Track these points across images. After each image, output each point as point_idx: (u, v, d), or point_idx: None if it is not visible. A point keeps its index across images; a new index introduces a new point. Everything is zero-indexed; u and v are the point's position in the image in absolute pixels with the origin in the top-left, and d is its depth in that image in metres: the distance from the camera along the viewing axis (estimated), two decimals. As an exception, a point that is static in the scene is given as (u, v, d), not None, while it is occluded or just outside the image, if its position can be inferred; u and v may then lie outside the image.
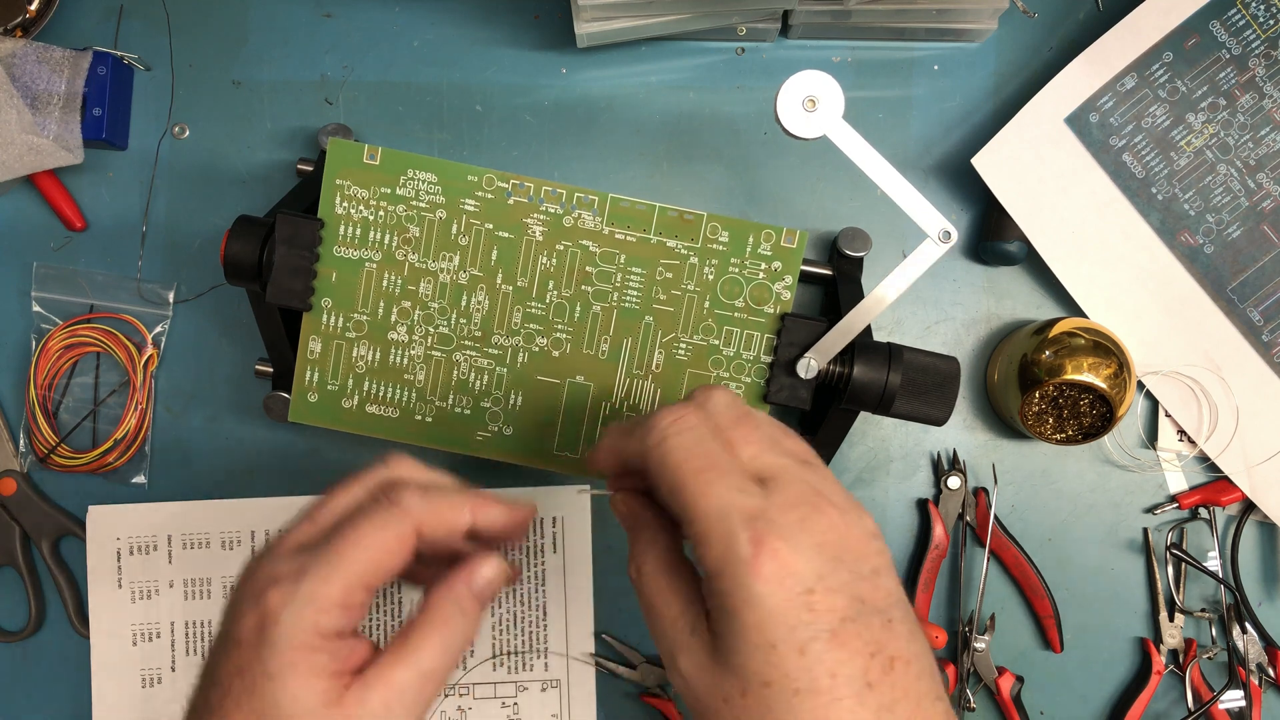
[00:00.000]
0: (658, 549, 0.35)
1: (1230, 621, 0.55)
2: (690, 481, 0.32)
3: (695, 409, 0.34)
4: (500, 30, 0.56)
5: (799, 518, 0.32)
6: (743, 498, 0.32)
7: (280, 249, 0.46)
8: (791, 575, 0.30)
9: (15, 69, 0.52)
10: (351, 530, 0.34)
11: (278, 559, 0.34)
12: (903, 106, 0.56)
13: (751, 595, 0.30)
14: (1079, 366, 0.50)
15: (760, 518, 0.31)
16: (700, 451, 0.33)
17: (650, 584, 0.34)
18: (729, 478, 0.32)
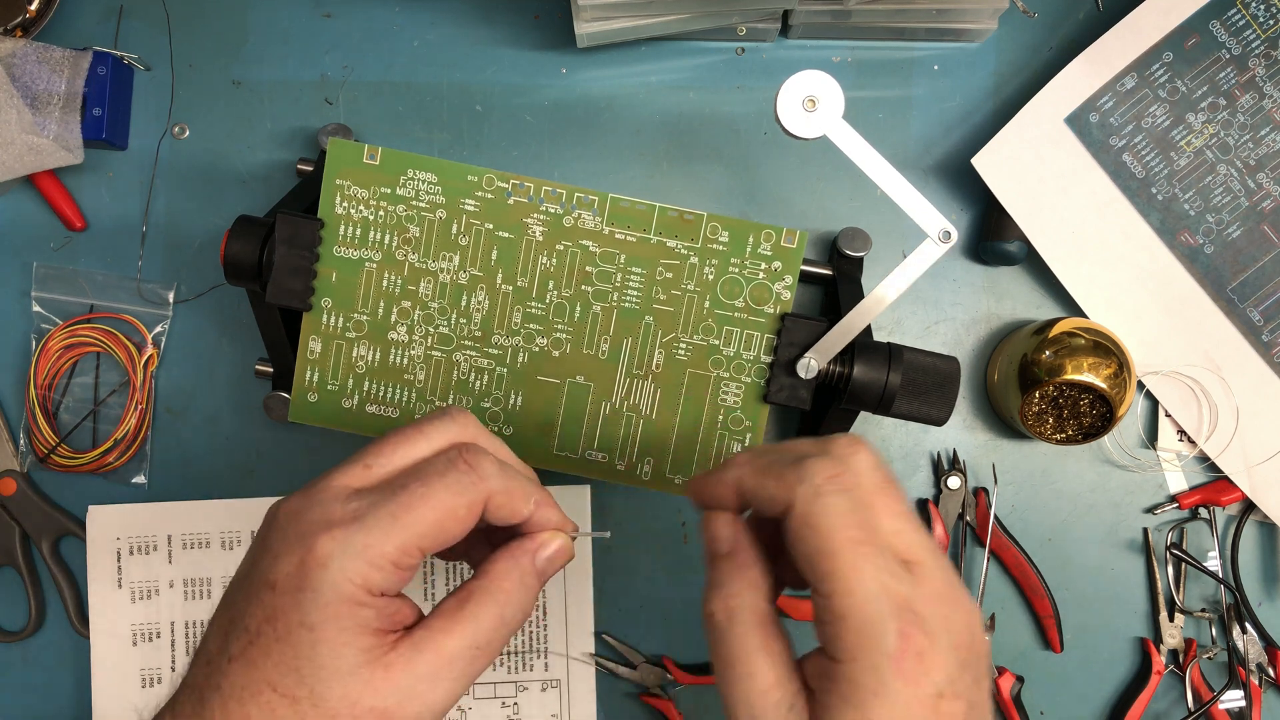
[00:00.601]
0: (758, 596, 0.32)
1: (1230, 621, 0.55)
2: (844, 551, 0.29)
3: (847, 467, 0.31)
4: (500, 30, 0.56)
5: (943, 614, 0.30)
6: (894, 582, 0.30)
7: (280, 249, 0.46)
8: (928, 676, 0.29)
9: (15, 69, 0.52)
10: (422, 487, 0.31)
11: (328, 501, 0.31)
12: (903, 106, 0.56)
13: (888, 690, 0.28)
14: (1079, 366, 0.50)
15: (908, 608, 0.29)
16: (856, 520, 0.30)
17: (743, 636, 0.31)
18: (882, 557, 0.30)
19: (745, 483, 0.33)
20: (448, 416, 0.34)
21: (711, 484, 0.34)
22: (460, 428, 0.34)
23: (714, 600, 0.32)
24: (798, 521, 0.30)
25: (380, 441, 0.33)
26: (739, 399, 0.48)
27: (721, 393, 0.48)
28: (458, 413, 0.35)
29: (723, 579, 0.32)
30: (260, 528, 0.33)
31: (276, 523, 0.32)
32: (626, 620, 0.56)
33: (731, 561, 0.33)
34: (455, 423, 0.34)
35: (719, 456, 0.48)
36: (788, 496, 0.31)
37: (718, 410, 0.48)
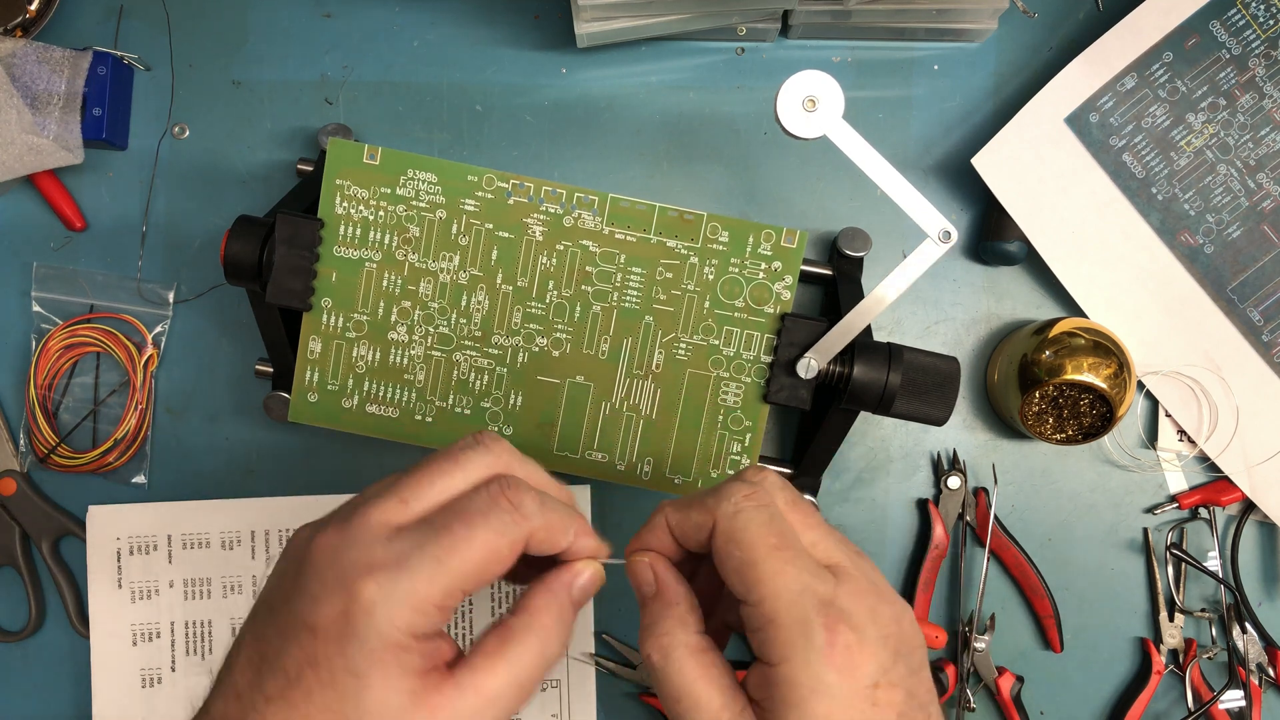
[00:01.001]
0: (689, 629, 0.33)
1: (1230, 621, 0.55)
2: (766, 559, 0.31)
3: (759, 488, 0.33)
4: (500, 30, 0.56)
5: (868, 608, 0.31)
6: (816, 582, 0.31)
7: (280, 249, 0.46)
8: (860, 667, 0.30)
9: (15, 69, 0.52)
10: (465, 529, 0.31)
11: (368, 541, 0.30)
12: (903, 106, 0.56)
13: (822, 685, 0.29)
14: (1079, 366, 0.50)
15: (833, 605, 0.31)
16: (775, 529, 0.32)
17: (684, 670, 0.32)
18: (802, 560, 0.31)
19: (671, 519, 0.35)
20: (482, 446, 0.34)
21: (643, 534, 0.36)
22: (494, 457, 0.34)
23: (649, 642, 0.33)
24: (722, 539, 0.32)
25: (415, 474, 0.32)
26: (739, 399, 0.48)
27: (721, 393, 0.48)
28: (491, 441, 0.34)
29: (653, 619, 0.33)
30: (289, 557, 0.32)
31: (312, 560, 0.31)
32: (626, 620, 0.56)
33: (659, 600, 0.34)
34: (490, 452, 0.33)
35: (719, 456, 0.48)
36: (710, 519, 0.33)
37: (718, 410, 0.48)
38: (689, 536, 0.34)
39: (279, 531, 0.55)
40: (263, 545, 0.55)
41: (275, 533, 0.55)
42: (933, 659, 0.56)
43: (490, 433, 0.34)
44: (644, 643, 0.33)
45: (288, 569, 0.32)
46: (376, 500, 0.31)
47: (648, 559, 0.35)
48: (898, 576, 0.56)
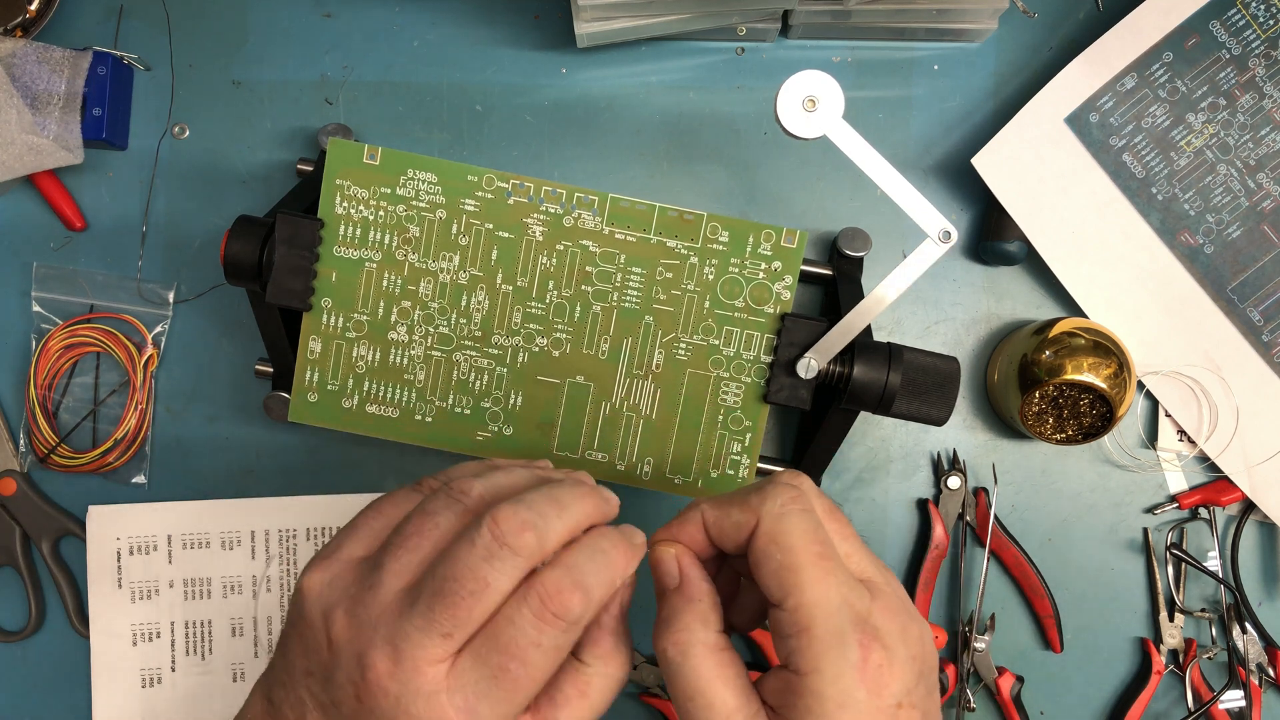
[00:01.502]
0: (710, 627, 0.33)
1: (1230, 621, 0.55)
2: (809, 566, 0.31)
3: (802, 492, 0.33)
4: (500, 30, 0.56)
5: (900, 626, 0.32)
6: (854, 596, 0.31)
7: (280, 249, 0.46)
8: (888, 686, 0.30)
9: (15, 69, 0.52)
10: (522, 667, 0.30)
11: (432, 694, 0.30)
12: (903, 106, 0.56)
13: (851, 701, 0.30)
14: (1079, 366, 0.50)
15: (868, 621, 0.31)
16: (819, 537, 0.32)
17: (701, 668, 0.32)
18: (841, 571, 0.31)
19: (708, 516, 0.34)
20: (507, 550, 0.31)
21: (674, 527, 0.35)
22: (524, 560, 0.31)
23: (665, 637, 0.33)
24: (764, 539, 0.32)
25: (447, 601, 0.31)
26: (739, 399, 0.48)
27: (721, 393, 0.48)
28: (513, 537, 0.31)
29: (672, 614, 0.33)
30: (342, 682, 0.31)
31: (374, 700, 0.31)
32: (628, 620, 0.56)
33: (681, 595, 0.34)
34: (517, 555, 0.31)
35: (719, 456, 0.48)
36: (752, 518, 0.32)
37: (718, 410, 0.48)
38: (726, 535, 0.34)
39: (279, 531, 0.55)
40: (263, 545, 0.55)
41: (275, 533, 0.55)
42: (933, 659, 0.56)
43: (505, 515, 0.31)
44: (661, 637, 0.33)
45: (339, 679, 0.31)
46: (421, 640, 0.30)
47: (675, 551, 0.35)
48: (898, 576, 0.56)
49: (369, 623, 0.31)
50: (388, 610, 0.31)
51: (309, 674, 0.33)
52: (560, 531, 0.32)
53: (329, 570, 0.34)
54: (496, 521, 0.31)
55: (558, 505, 0.33)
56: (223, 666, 0.55)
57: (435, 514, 0.34)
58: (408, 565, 0.32)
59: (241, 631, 0.56)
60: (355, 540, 0.35)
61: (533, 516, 0.31)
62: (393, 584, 0.32)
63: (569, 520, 0.33)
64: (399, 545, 0.33)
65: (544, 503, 0.32)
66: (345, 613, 0.32)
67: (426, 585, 0.31)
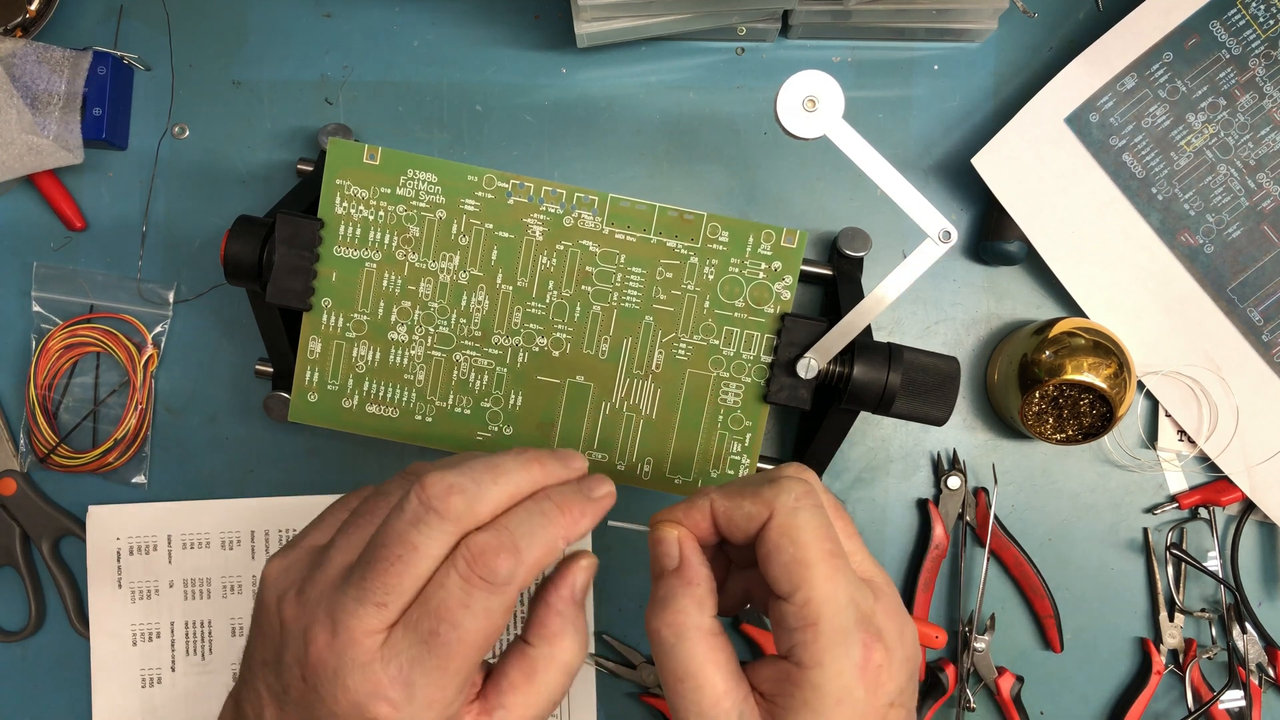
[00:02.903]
0: (705, 612, 0.33)
1: (1230, 621, 0.55)
2: (820, 562, 0.31)
3: (812, 488, 0.33)
4: (500, 30, 0.56)
5: (898, 628, 0.32)
6: (860, 595, 0.32)
7: (280, 249, 0.46)
8: (884, 686, 0.31)
9: (15, 69, 0.52)
10: (453, 630, 0.30)
11: (367, 664, 0.30)
12: (903, 106, 0.56)
13: (849, 697, 0.30)
14: (1079, 366, 0.50)
15: (871, 621, 0.31)
16: (829, 534, 0.32)
17: (695, 652, 0.32)
18: (849, 570, 0.32)
19: (718, 505, 0.34)
20: (432, 514, 0.31)
21: (680, 511, 0.35)
22: (452, 524, 0.31)
23: (660, 617, 0.33)
24: (777, 533, 0.32)
25: (377, 569, 0.31)
26: (739, 399, 0.48)
27: (721, 393, 0.48)
28: (437, 500, 0.31)
29: (669, 595, 0.33)
30: (289, 663, 0.32)
31: (315, 673, 0.31)
32: (626, 620, 0.56)
33: (679, 578, 0.33)
34: (443, 519, 0.31)
35: (719, 456, 0.48)
36: (765, 510, 0.33)
37: (718, 410, 0.48)
38: (735, 525, 0.34)
39: (279, 531, 0.55)
40: (263, 545, 0.55)
41: (275, 533, 0.55)
42: (932, 659, 0.56)
43: (432, 480, 0.31)
44: (655, 617, 0.33)
45: (287, 660, 0.32)
46: (353, 608, 0.30)
47: (678, 533, 0.34)
48: (898, 576, 0.56)
49: (313, 600, 0.32)
50: (330, 584, 0.32)
51: (264, 664, 0.33)
52: (496, 496, 0.32)
53: (288, 558, 0.34)
54: (423, 486, 0.31)
55: (493, 471, 0.32)
56: (223, 666, 0.55)
57: (388, 495, 0.34)
58: (356, 543, 0.33)
59: (241, 631, 0.56)
60: (317, 531, 0.36)
61: (461, 480, 0.31)
62: (339, 560, 0.32)
63: (506, 486, 0.32)
64: (349, 524, 0.33)
65: (478, 468, 0.32)
66: (295, 594, 0.32)
67: (362, 555, 0.31)
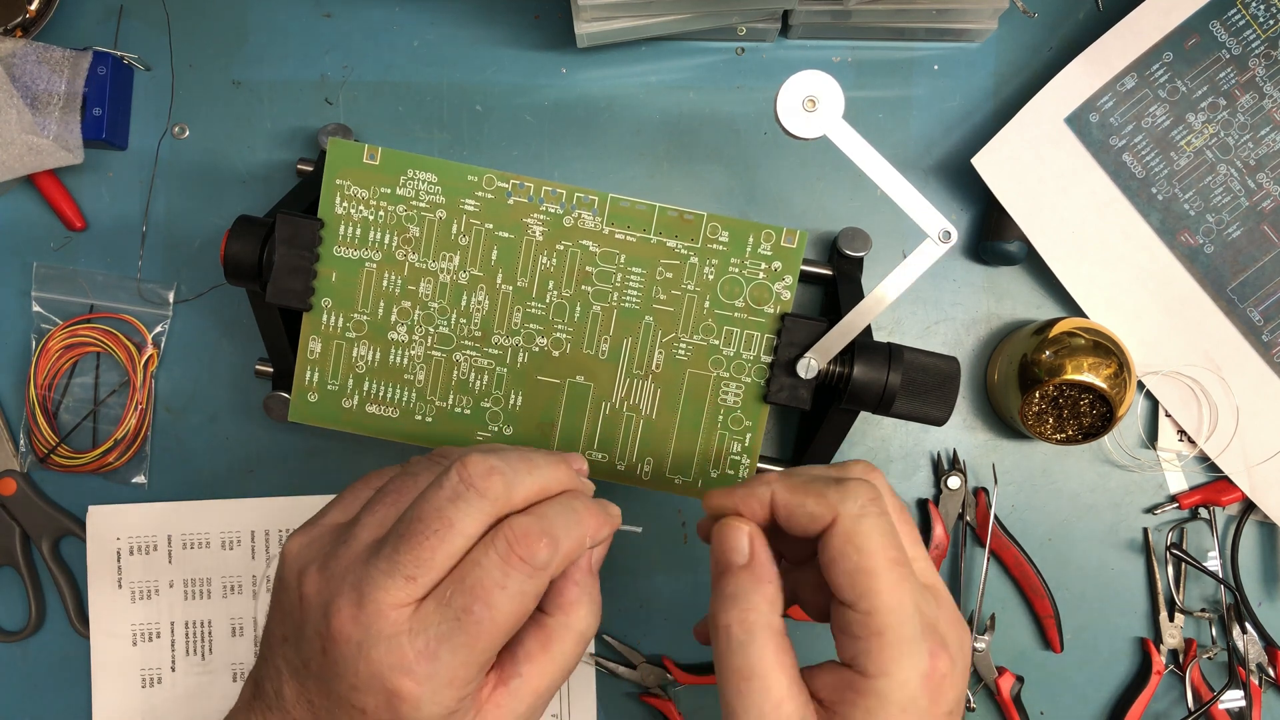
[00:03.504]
0: (774, 611, 0.32)
1: (1230, 621, 0.55)
2: (887, 571, 0.31)
3: (879, 493, 0.33)
4: (500, 30, 0.56)
5: (959, 638, 0.32)
6: (925, 604, 0.32)
7: (280, 249, 0.46)
8: (946, 695, 0.31)
9: (15, 69, 0.52)
10: (485, 609, 0.30)
11: (393, 636, 0.30)
12: (903, 106, 0.56)
13: (914, 707, 0.30)
14: (1079, 366, 0.50)
15: (936, 629, 0.31)
16: (894, 543, 0.32)
17: (766, 651, 0.31)
18: (914, 578, 0.32)
19: (780, 498, 0.34)
20: (473, 492, 0.31)
21: (739, 496, 0.35)
22: (489, 503, 0.31)
23: (730, 613, 0.32)
24: (841, 539, 0.31)
25: (413, 540, 0.31)
26: (739, 399, 0.48)
27: (721, 393, 0.48)
28: (479, 479, 0.31)
29: (739, 591, 0.33)
30: (310, 637, 0.32)
31: (337, 646, 0.31)
32: (626, 620, 0.56)
33: (750, 574, 0.33)
34: (483, 498, 0.31)
35: (719, 456, 0.48)
36: (829, 514, 0.32)
37: (718, 410, 0.48)
38: (795, 522, 0.33)
39: (279, 531, 0.55)
40: (263, 545, 0.55)
41: (275, 533, 0.55)
42: (933, 659, 0.56)
43: (474, 460, 0.32)
44: (725, 613, 0.32)
45: (308, 634, 0.32)
46: (382, 580, 0.30)
47: (748, 529, 0.34)
48: (898, 576, 0.56)
49: (338, 574, 0.31)
50: (356, 559, 0.31)
51: (284, 640, 0.33)
52: (529, 485, 0.32)
53: (308, 535, 0.34)
54: (465, 465, 0.31)
55: (528, 462, 0.33)
56: (223, 666, 0.55)
57: (415, 475, 0.34)
58: (382, 519, 0.33)
59: (241, 631, 0.56)
60: (338, 508, 0.36)
61: (501, 465, 0.32)
62: (364, 536, 0.32)
63: (539, 478, 0.33)
64: (375, 502, 0.33)
65: (515, 457, 0.33)
66: (317, 569, 0.32)
67: (394, 530, 0.31)
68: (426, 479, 0.33)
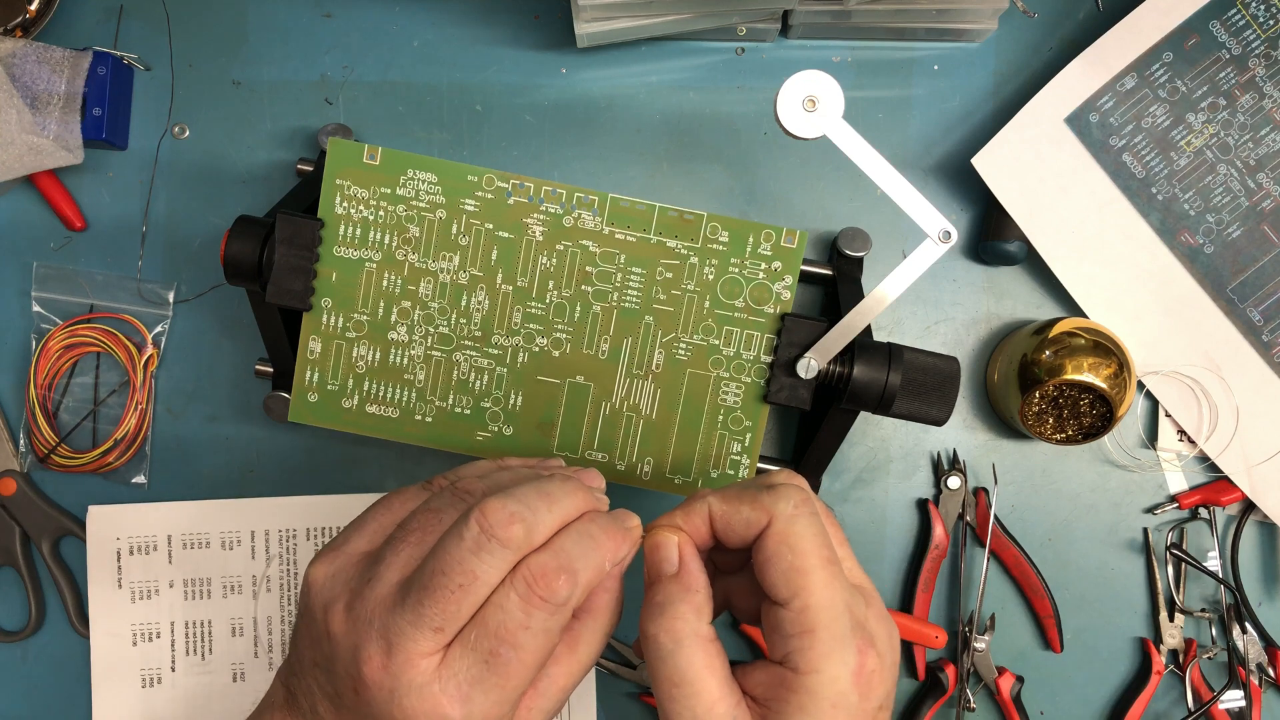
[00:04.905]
0: (704, 619, 0.33)
1: (1230, 621, 0.55)
2: (819, 569, 0.32)
3: (808, 495, 0.34)
4: (500, 30, 0.56)
5: (887, 634, 0.33)
6: (854, 602, 0.32)
7: (280, 249, 0.46)
8: (875, 690, 0.32)
9: (15, 69, 0.52)
10: (513, 651, 0.31)
11: (424, 685, 0.31)
12: (903, 106, 0.56)
13: (844, 702, 0.31)
14: (1079, 366, 0.50)
15: (865, 627, 0.32)
16: (826, 543, 0.33)
17: (694, 658, 0.32)
18: (843, 577, 0.33)
19: (716, 509, 0.34)
20: (495, 542, 0.31)
21: (678, 515, 0.35)
22: (510, 553, 0.31)
23: (657, 622, 0.33)
24: (776, 540, 0.32)
25: (436, 595, 0.31)
26: (739, 399, 0.48)
27: (721, 393, 0.48)
28: (499, 528, 0.31)
29: (667, 601, 0.33)
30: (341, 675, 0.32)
31: (370, 693, 0.31)
32: (627, 620, 0.56)
33: (679, 583, 0.34)
34: (505, 548, 0.31)
35: (719, 457, 0.48)
36: (765, 517, 0.33)
37: (718, 410, 0.48)
38: (733, 530, 0.34)
39: (279, 531, 0.55)
40: (263, 545, 0.55)
41: (275, 533, 0.55)
42: (932, 659, 0.56)
43: (493, 508, 0.32)
44: (651, 621, 0.33)
45: (339, 671, 0.32)
46: (409, 631, 0.31)
47: (678, 539, 0.35)
48: (898, 576, 0.56)
49: (365, 618, 0.32)
50: (382, 604, 0.32)
51: (315, 665, 0.34)
52: (549, 523, 0.33)
53: (333, 564, 0.34)
54: (484, 514, 0.31)
55: (547, 499, 0.33)
56: (223, 666, 0.55)
57: (439, 511, 0.34)
58: (408, 560, 0.33)
59: (241, 631, 0.56)
60: (361, 535, 0.36)
61: (521, 509, 0.32)
62: (390, 578, 0.33)
63: (558, 513, 0.33)
64: (400, 540, 0.34)
65: (533, 496, 0.33)
66: (344, 607, 0.33)
67: (417, 580, 0.32)
68: (451, 516, 0.33)
